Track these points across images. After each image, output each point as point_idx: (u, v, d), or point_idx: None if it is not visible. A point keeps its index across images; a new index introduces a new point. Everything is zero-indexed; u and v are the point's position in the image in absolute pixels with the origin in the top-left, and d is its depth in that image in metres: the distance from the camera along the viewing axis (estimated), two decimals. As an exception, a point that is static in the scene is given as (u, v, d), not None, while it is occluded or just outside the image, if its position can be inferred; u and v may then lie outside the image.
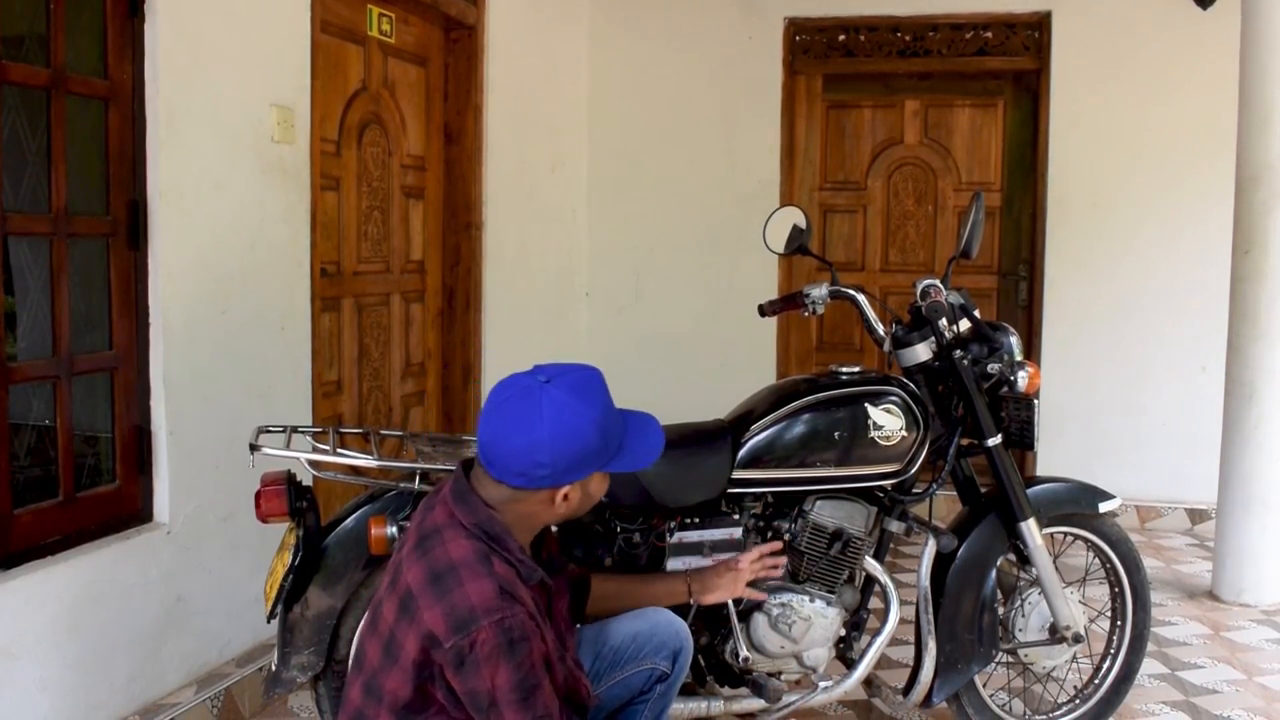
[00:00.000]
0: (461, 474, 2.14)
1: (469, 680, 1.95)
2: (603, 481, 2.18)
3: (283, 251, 3.74)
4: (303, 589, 2.76)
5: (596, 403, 2.09)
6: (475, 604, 1.94)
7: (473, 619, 1.93)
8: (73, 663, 2.92)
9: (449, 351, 5.17)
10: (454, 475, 2.15)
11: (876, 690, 3.23)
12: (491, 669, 1.93)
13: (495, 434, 2.05)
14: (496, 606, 1.94)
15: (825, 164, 6.35)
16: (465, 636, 1.93)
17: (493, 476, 2.07)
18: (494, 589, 1.96)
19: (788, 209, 3.30)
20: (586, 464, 2.08)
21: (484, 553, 2.02)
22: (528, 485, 2.05)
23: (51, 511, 2.98)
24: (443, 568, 2.00)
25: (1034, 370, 3.08)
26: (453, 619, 1.94)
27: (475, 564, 1.99)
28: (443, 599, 1.96)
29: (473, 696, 1.96)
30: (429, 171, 4.99)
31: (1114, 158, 5.81)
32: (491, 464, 2.06)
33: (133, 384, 3.21)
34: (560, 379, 2.08)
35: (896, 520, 3.08)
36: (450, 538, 2.04)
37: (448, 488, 2.12)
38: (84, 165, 3.10)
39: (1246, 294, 4.54)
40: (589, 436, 2.05)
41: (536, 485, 2.05)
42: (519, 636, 1.95)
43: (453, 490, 2.11)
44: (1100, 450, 5.82)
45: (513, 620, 1.95)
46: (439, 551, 2.03)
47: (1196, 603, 4.68)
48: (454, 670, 1.95)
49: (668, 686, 2.48)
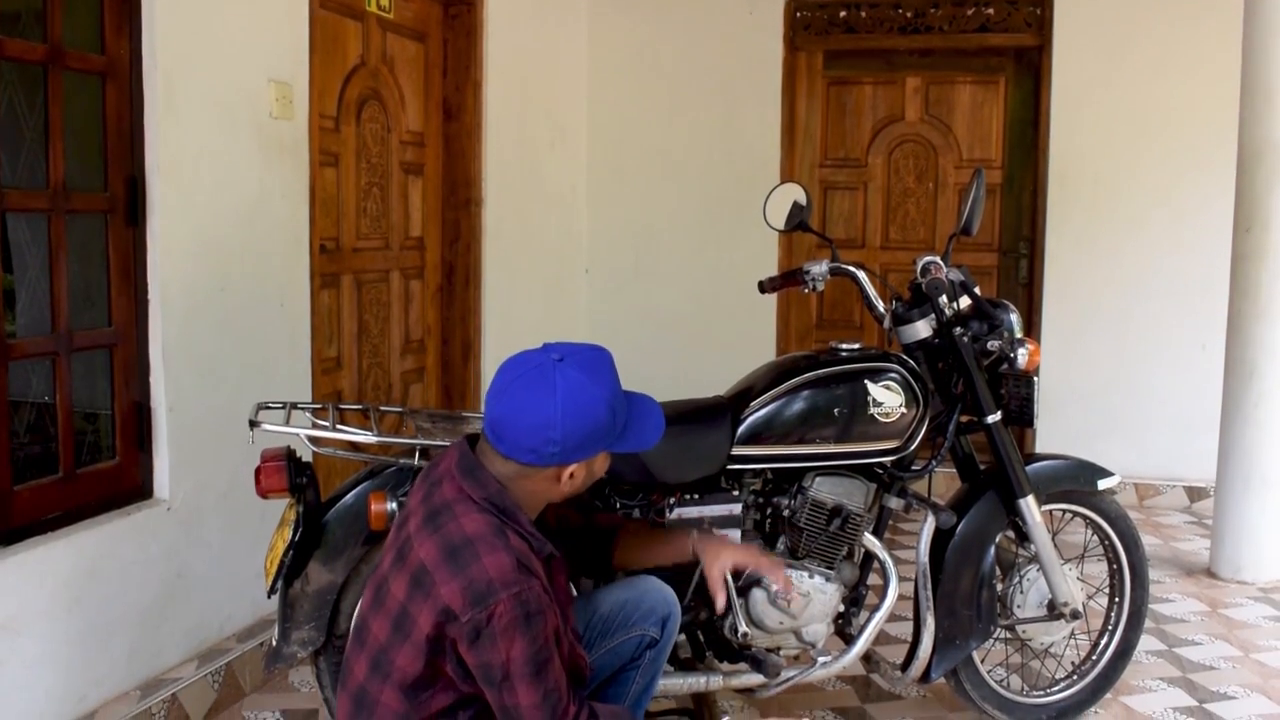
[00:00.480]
0: (468, 448, 2.14)
1: (484, 653, 1.95)
2: (605, 461, 2.19)
3: (282, 228, 3.73)
4: (303, 565, 2.77)
5: (607, 382, 2.10)
6: (494, 577, 1.95)
7: (491, 592, 1.94)
8: (74, 638, 2.93)
9: (448, 328, 5.17)
10: (458, 451, 2.14)
11: (875, 666, 3.24)
12: (508, 642, 1.94)
13: (508, 411, 2.06)
14: (514, 579, 1.95)
15: (826, 141, 6.33)
16: (483, 610, 1.93)
17: (501, 453, 2.07)
18: (511, 562, 1.97)
19: (788, 185, 3.28)
20: (595, 443, 2.09)
21: (498, 526, 2.02)
22: (537, 462, 2.06)
23: (52, 488, 2.98)
24: (458, 542, 2.00)
25: (1034, 347, 3.08)
26: (471, 592, 1.95)
27: (491, 537, 2.00)
28: (460, 573, 1.96)
29: (486, 669, 1.97)
30: (428, 147, 4.97)
31: (1115, 135, 5.79)
32: (501, 440, 2.06)
33: (132, 360, 3.21)
34: (573, 358, 2.08)
35: (896, 497, 3.09)
36: (462, 512, 2.04)
37: (453, 464, 2.12)
38: (82, 141, 3.09)
39: (1247, 272, 4.54)
40: (600, 416, 2.07)
41: (545, 462, 2.06)
42: (535, 610, 1.96)
43: (460, 466, 2.11)
44: (1100, 428, 5.82)
45: (529, 593, 1.96)
46: (452, 526, 2.03)
47: (1194, 580, 4.70)
48: (469, 644, 1.96)
49: (657, 652, 2.48)
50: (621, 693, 2.48)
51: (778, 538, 3.01)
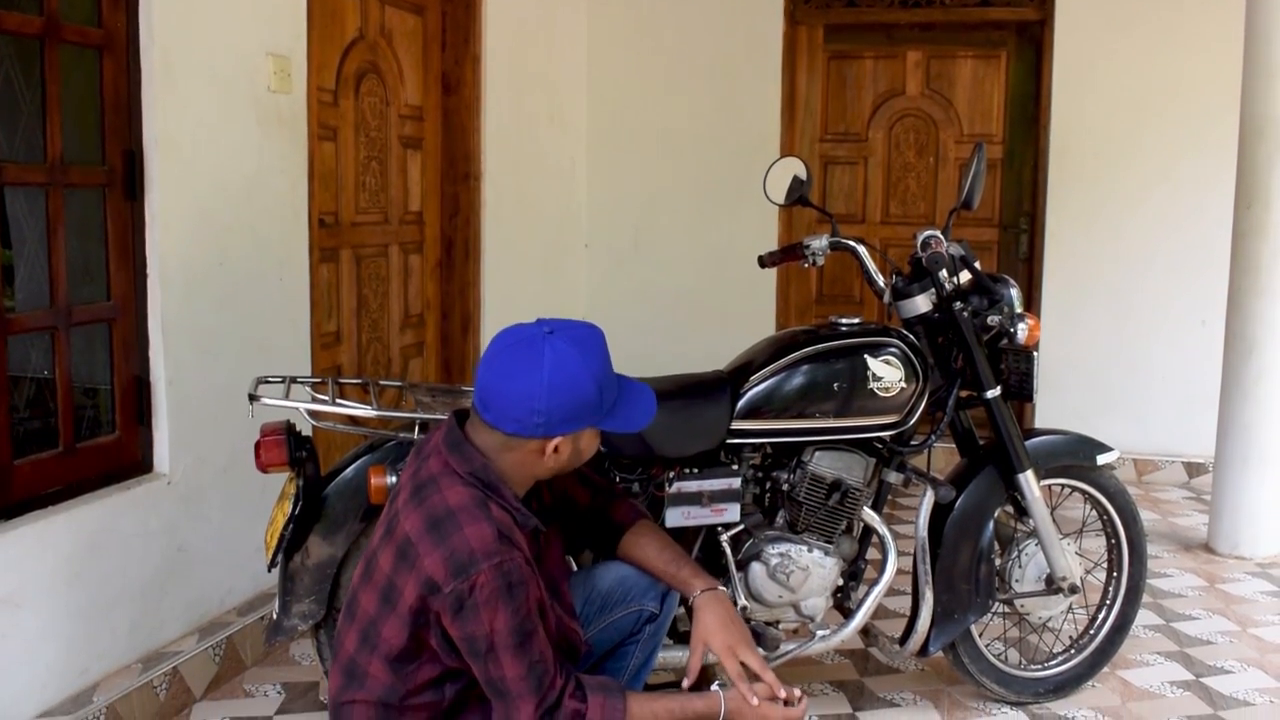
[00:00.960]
0: (455, 423, 2.15)
1: (467, 625, 1.96)
2: (593, 439, 2.19)
3: (280, 202, 3.72)
4: (303, 538, 2.78)
5: (596, 358, 2.10)
6: (475, 548, 1.96)
7: (472, 562, 1.95)
8: (75, 612, 2.94)
9: (448, 302, 5.16)
10: (446, 425, 2.16)
11: (873, 639, 3.25)
12: (490, 613, 1.95)
13: (495, 379, 2.07)
14: (495, 550, 1.96)
15: (826, 115, 6.30)
16: (465, 580, 1.95)
17: (487, 422, 2.08)
18: (493, 533, 1.99)
19: (788, 159, 3.28)
20: (580, 417, 2.09)
21: (481, 499, 2.04)
22: (521, 432, 2.06)
23: (51, 462, 2.98)
24: (441, 514, 2.02)
25: (1034, 322, 3.08)
26: (452, 563, 1.96)
27: (473, 509, 2.01)
28: (442, 544, 1.98)
29: (470, 642, 1.98)
30: (427, 121, 4.95)
31: (1117, 110, 5.77)
32: (488, 409, 2.07)
33: (131, 335, 3.20)
34: (564, 332, 2.09)
35: (895, 471, 3.09)
36: (447, 485, 2.06)
37: (439, 437, 2.13)
38: (79, 115, 3.07)
39: (1248, 249, 4.53)
40: (586, 389, 2.07)
41: (530, 433, 2.06)
42: (517, 580, 1.97)
43: (446, 440, 2.12)
44: (1099, 403, 5.83)
45: (511, 564, 1.97)
46: (436, 499, 2.05)
47: (1192, 555, 4.71)
48: (452, 615, 1.97)
49: (657, 627, 2.49)
50: (621, 667, 2.49)
51: (777, 512, 3.02)
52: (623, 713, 2.05)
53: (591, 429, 2.15)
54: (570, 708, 2.02)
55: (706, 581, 2.40)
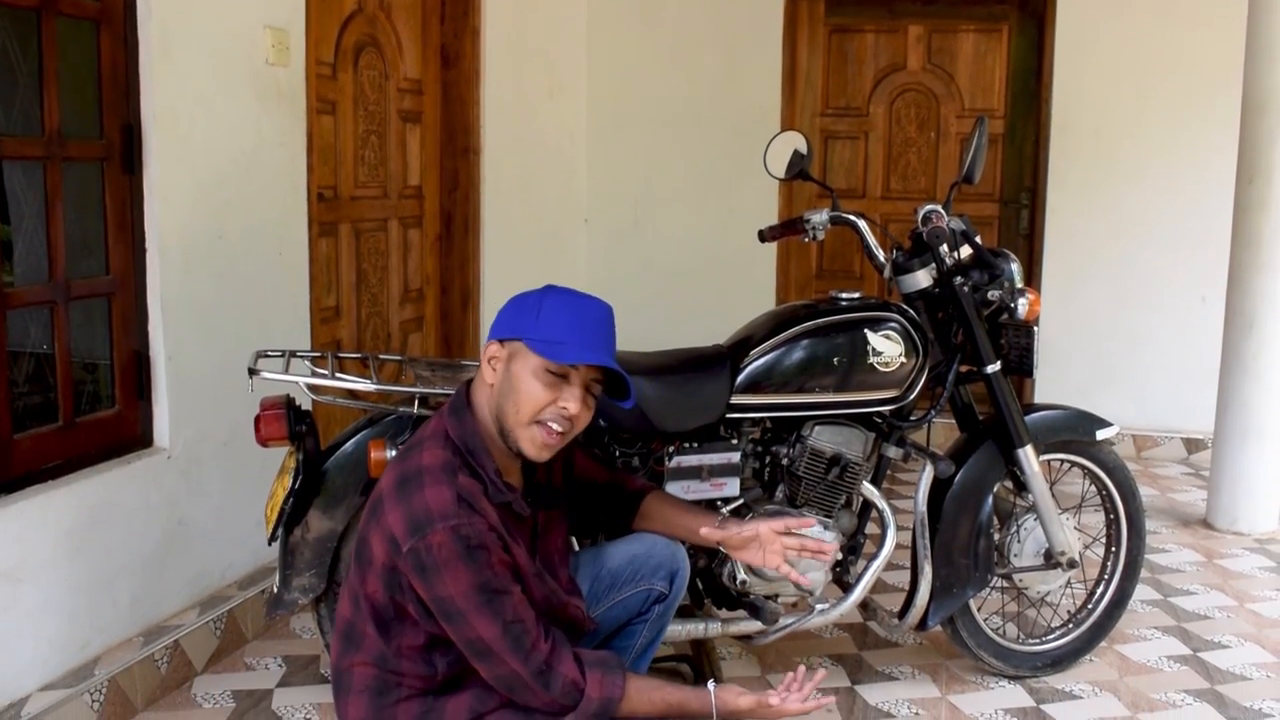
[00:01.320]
0: (463, 389, 2.17)
1: (433, 586, 1.99)
2: (530, 377, 2.08)
3: (279, 176, 3.71)
4: (303, 512, 2.78)
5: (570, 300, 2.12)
6: (432, 508, 1.99)
7: (428, 522, 1.98)
8: (77, 585, 2.95)
9: (447, 277, 5.16)
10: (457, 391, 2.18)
11: (872, 614, 3.26)
12: (452, 573, 1.97)
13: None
14: (453, 513, 1.99)
15: (827, 89, 6.28)
16: (421, 539, 1.97)
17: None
18: (451, 496, 2.01)
19: (789, 133, 3.26)
20: (513, 322, 2.11)
21: (452, 464, 2.06)
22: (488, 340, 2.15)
23: (51, 436, 2.98)
24: (411, 473, 2.06)
25: (1034, 297, 3.07)
26: (410, 521, 2.00)
27: (440, 472, 2.04)
28: (403, 502, 2.02)
29: (439, 604, 2.00)
30: (426, 95, 4.93)
31: (1119, 85, 5.75)
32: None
33: (130, 309, 3.20)
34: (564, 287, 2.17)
35: (894, 446, 3.09)
36: (428, 447, 2.10)
37: (449, 401, 2.16)
38: (77, 88, 3.06)
39: (1249, 224, 4.52)
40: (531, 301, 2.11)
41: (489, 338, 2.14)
42: (476, 544, 1.98)
43: (451, 403, 2.17)
44: (1099, 378, 5.83)
45: (469, 529, 1.98)
46: (413, 459, 2.09)
47: (1190, 530, 4.72)
48: (417, 576, 2.00)
49: (665, 607, 2.51)
50: (628, 645, 2.50)
51: (776, 486, 3.02)
52: (621, 690, 2.06)
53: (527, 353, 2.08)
54: (567, 675, 2.03)
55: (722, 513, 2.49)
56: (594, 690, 2.04)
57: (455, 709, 2.09)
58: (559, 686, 2.02)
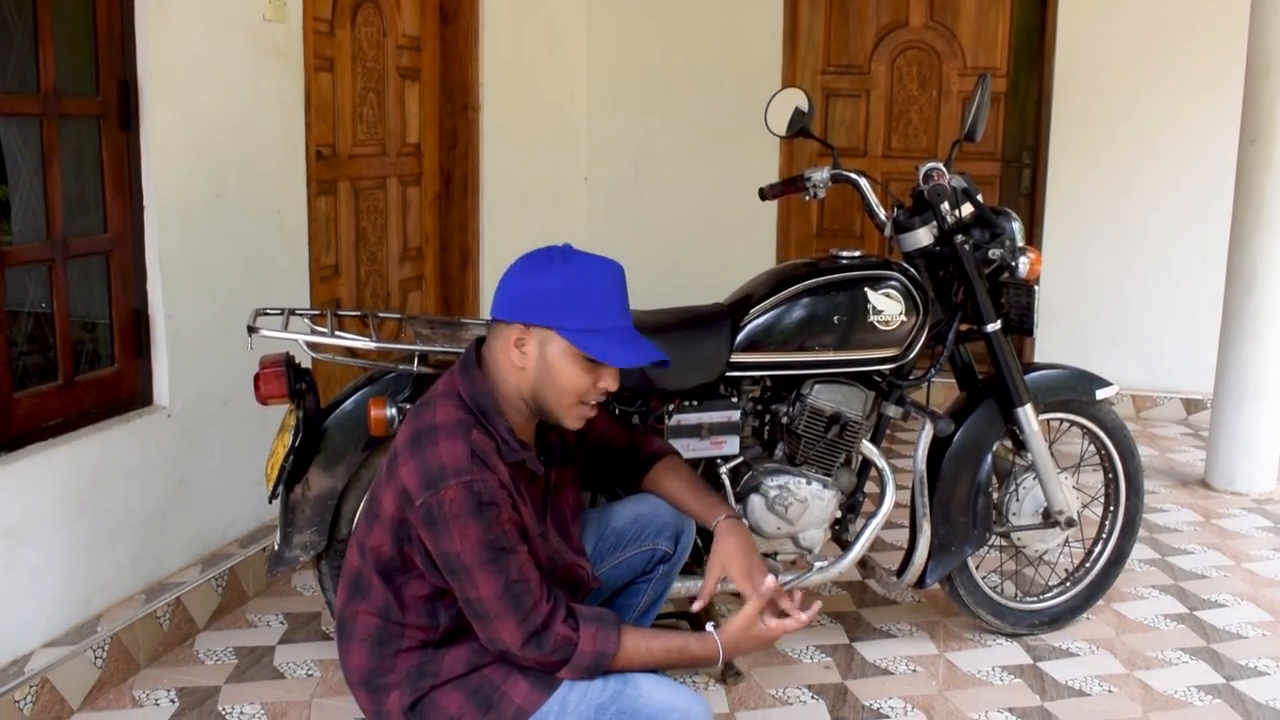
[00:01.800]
0: (473, 348, 2.17)
1: (440, 540, 2.00)
2: (568, 360, 2.08)
3: (277, 133, 3.69)
4: (303, 470, 2.79)
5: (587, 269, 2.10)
6: (446, 463, 2.00)
7: (442, 477, 1.99)
8: (78, 543, 2.96)
9: (447, 236, 5.14)
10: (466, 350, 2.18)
11: (871, 571, 3.28)
12: (461, 529, 1.98)
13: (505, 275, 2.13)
14: (466, 469, 1.99)
15: (828, 47, 6.22)
16: (434, 494, 1.98)
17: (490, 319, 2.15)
18: (465, 452, 2.01)
19: (790, 90, 3.24)
20: (545, 307, 2.07)
21: (466, 421, 2.07)
22: (497, 315, 2.11)
23: (51, 395, 2.98)
24: (425, 428, 2.06)
25: (1035, 256, 3.06)
26: (424, 475, 2.00)
27: (454, 428, 2.05)
28: (417, 456, 2.03)
29: (446, 559, 2.01)
30: (425, 52, 4.90)
31: (1123, 44, 5.70)
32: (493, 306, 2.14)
33: (129, 267, 3.19)
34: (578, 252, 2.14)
35: (894, 405, 3.10)
36: (441, 405, 2.10)
37: (459, 360, 2.17)
38: (72, 45, 3.04)
39: (1252, 184, 4.50)
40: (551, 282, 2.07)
41: (502, 314, 2.10)
42: (487, 500, 1.99)
43: (461, 362, 2.17)
44: (1099, 338, 5.82)
45: (481, 485, 1.99)
46: (426, 415, 2.09)
47: (1189, 490, 4.74)
48: (426, 530, 2.01)
49: (670, 567, 2.52)
50: (632, 604, 2.52)
51: (776, 444, 3.03)
52: (615, 644, 2.06)
53: (562, 343, 2.07)
54: (561, 633, 2.03)
55: (729, 510, 2.42)
56: (587, 644, 2.05)
57: (453, 660, 2.11)
58: (550, 645, 2.03)
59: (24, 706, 2.66)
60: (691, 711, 2.06)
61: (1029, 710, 2.95)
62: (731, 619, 2.20)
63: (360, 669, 2.15)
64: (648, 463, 2.53)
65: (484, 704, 2.08)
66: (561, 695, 2.07)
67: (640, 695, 2.06)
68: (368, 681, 2.15)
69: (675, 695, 2.08)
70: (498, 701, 2.07)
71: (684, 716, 2.05)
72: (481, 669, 2.10)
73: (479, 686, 2.09)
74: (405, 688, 2.11)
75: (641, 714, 2.05)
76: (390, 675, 2.13)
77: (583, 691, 2.06)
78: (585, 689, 2.07)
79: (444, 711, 2.09)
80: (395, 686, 2.12)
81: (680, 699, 2.07)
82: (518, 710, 2.06)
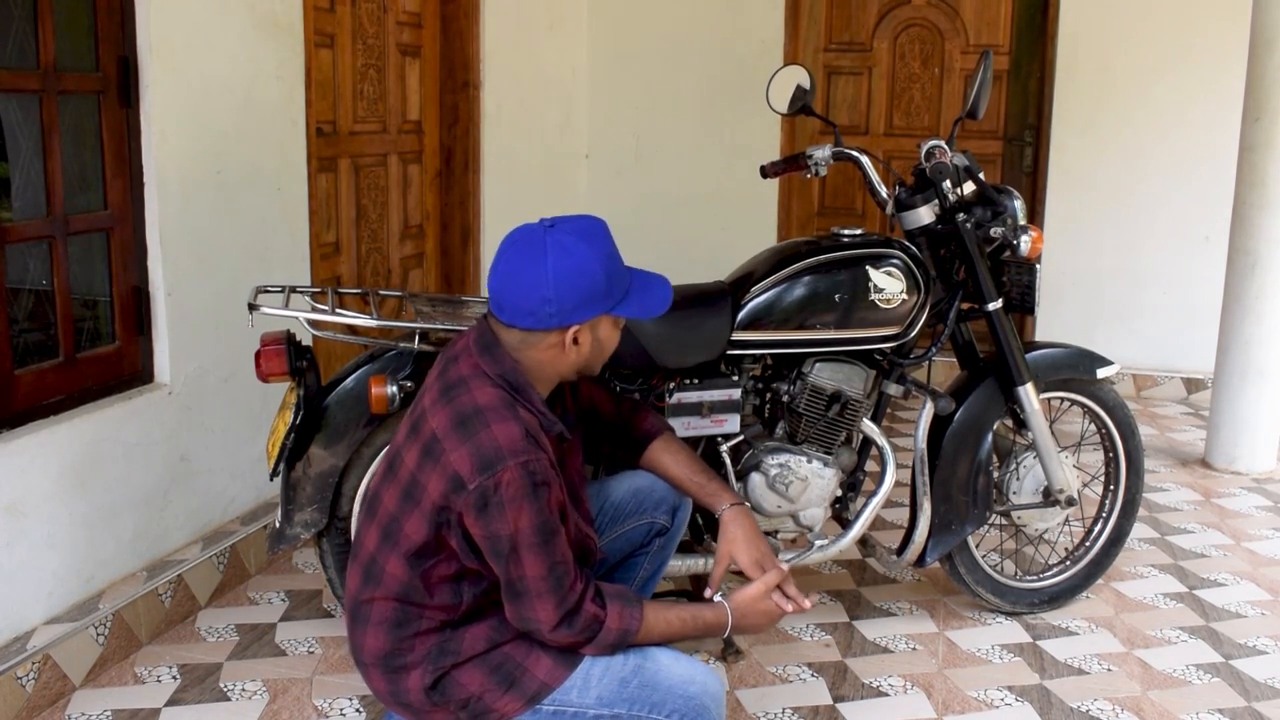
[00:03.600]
0: (486, 326, 2.16)
1: (492, 523, 1.98)
2: (613, 329, 2.18)
3: (277, 110, 3.67)
4: (304, 448, 2.79)
5: (600, 244, 2.10)
6: (502, 444, 1.98)
7: (499, 459, 1.96)
8: (80, 520, 2.96)
9: (447, 213, 5.13)
10: (476, 329, 2.17)
11: (871, 550, 3.29)
12: (515, 511, 1.97)
13: (502, 277, 2.08)
14: (522, 449, 1.98)
15: (830, 24, 6.20)
16: (491, 476, 1.96)
17: (504, 323, 2.09)
18: (520, 432, 2.00)
19: (792, 68, 3.23)
20: (592, 303, 2.08)
21: (509, 400, 2.05)
22: (536, 326, 2.07)
23: (52, 372, 2.98)
24: (469, 412, 2.03)
25: (1037, 235, 3.05)
26: (479, 459, 1.97)
27: (501, 409, 2.03)
28: (469, 440, 1.99)
29: (494, 541, 1.99)
30: (425, 28, 4.88)
31: (1126, 21, 5.67)
32: (502, 310, 2.08)
33: (129, 244, 3.19)
34: (564, 224, 2.10)
35: (895, 383, 3.09)
36: (476, 386, 2.07)
37: (472, 340, 2.14)
38: (72, 20, 3.02)
39: (1255, 162, 4.49)
40: (594, 273, 2.07)
41: (545, 325, 2.06)
42: (541, 480, 1.98)
43: (478, 342, 2.13)
44: (1100, 317, 5.82)
45: (537, 464, 1.98)
46: (465, 398, 2.05)
47: (1189, 470, 4.74)
48: (476, 513, 1.98)
49: (667, 540, 2.52)
50: (630, 577, 2.52)
51: (776, 423, 3.03)
52: (639, 621, 2.08)
53: (609, 318, 2.14)
54: (590, 612, 2.04)
55: (733, 497, 2.41)
56: (614, 622, 2.06)
57: (473, 638, 2.11)
58: (581, 624, 2.04)
59: (26, 683, 2.67)
60: (708, 683, 2.09)
61: (1028, 688, 2.96)
62: (744, 589, 2.21)
63: (377, 651, 2.14)
64: (643, 442, 2.53)
65: (506, 680, 2.08)
66: (584, 670, 2.08)
67: (660, 669, 2.08)
68: (385, 663, 2.13)
69: (693, 668, 2.11)
70: (520, 677, 2.08)
71: (702, 688, 2.08)
72: (502, 646, 2.10)
73: (501, 663, 2.09)
74: (426, 667, 2.10)
75: (662, 686, 2.06)
76: (410, 656, 2.12)
77: (605, 666, 2.08)
78: (607, 664, 2.08)
79: (466, 689, 2.09)
80: (415, 666, 2.11)
81: (698, 671, 2.11)
82: (541, 685, 2.07)
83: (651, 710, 2.06)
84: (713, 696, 2.08)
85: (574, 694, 2.07)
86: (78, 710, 2.75)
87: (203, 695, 2.84)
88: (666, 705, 2.06)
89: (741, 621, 2.20)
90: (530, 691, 2.07)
